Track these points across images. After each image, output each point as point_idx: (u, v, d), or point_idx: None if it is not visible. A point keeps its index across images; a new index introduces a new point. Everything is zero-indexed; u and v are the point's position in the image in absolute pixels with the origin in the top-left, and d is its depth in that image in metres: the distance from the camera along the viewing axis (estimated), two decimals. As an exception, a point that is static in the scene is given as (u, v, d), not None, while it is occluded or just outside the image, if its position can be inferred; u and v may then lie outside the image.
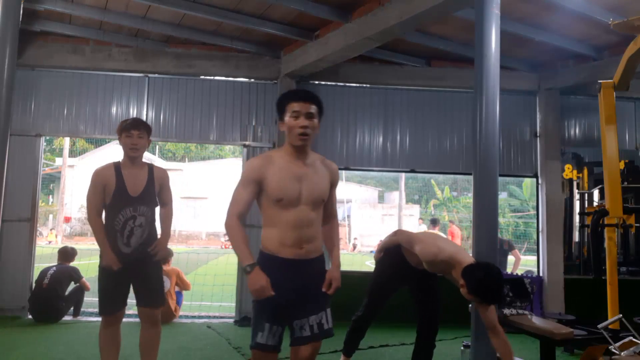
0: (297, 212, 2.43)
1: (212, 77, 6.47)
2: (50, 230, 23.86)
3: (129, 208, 3.28)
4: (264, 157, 2.52)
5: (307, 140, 2.46)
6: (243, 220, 2.46)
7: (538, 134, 6.73)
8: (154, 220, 3.44)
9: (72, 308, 6.04)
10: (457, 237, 18.98)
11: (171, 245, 5.09)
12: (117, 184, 3.28)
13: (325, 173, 2.55)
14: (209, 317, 6.55)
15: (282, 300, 2.41)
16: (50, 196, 29.51)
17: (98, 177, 3.30)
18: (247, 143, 6.45)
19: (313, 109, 2.45)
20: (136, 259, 3.33)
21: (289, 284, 2.43)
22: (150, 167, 3.45)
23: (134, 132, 3.32)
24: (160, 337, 3.53)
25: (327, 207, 2.63)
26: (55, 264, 6.10)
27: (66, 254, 6.20)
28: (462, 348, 4.43)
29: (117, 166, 3.34)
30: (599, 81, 4.71)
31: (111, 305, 3.34)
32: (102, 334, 3.38)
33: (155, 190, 3.40)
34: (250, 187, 2.45)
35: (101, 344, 3.38)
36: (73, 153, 28.23)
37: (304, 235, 2.44)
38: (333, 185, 2.62)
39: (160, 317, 3.50)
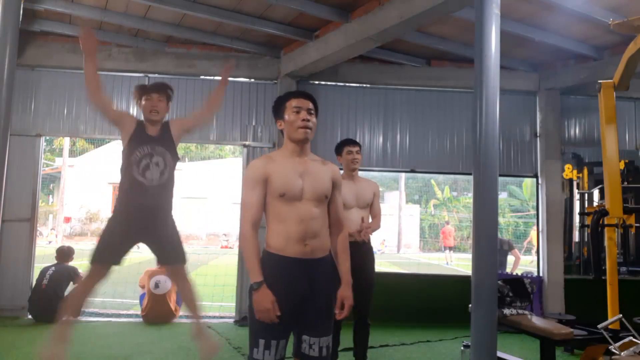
0: (300, 207, 2.39)
1: (212, 77, 6.47)
2: (51, 230, 23.86)
3: (146, 146, 3.33)
4: (264, 157, 2.51)
5: (309, 134, 2.46)
6: (258, 226, 2.40)
7: (538, 134, 6.74)
8: (173, 167, 3.42)
9: (72, 308, 6.03)
10: (450, 236, 19.26)
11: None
12: (137, 126, 3.39)
13: (327, 171, 2.53)
14: (209, 317, 6.54)
15: (284, 311, 2.30)
16: (50, 196, 29.50)
17: (128, 116, 3.55)
18: (247, 143, 6.46)
19: (312, 107, 2.52)
20: (149, 209, 3.30)
21: (295, 286, 2.35)
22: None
23: (154, 95, 3.37)
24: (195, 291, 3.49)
25: (332, 213, 2.56)
26: (54, 263, 6.10)
27: (63, 254, 6.20)
28: (462, 348, 4.43)
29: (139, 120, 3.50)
30: (599, 81, 4.71)
31: (108, 255, 3.22)
32: (77, 293, 3.35)
33: (173, 136, 3.46)
34: (258, 187, 2.41)
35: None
36: (73, 153, 28.23)
37: (309, 230, 2.38)
38: (336, 186, 2.55)
39: (187, 271, 3.46)
